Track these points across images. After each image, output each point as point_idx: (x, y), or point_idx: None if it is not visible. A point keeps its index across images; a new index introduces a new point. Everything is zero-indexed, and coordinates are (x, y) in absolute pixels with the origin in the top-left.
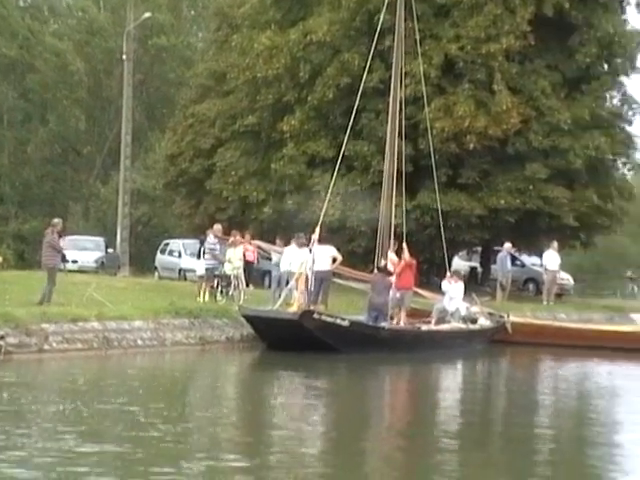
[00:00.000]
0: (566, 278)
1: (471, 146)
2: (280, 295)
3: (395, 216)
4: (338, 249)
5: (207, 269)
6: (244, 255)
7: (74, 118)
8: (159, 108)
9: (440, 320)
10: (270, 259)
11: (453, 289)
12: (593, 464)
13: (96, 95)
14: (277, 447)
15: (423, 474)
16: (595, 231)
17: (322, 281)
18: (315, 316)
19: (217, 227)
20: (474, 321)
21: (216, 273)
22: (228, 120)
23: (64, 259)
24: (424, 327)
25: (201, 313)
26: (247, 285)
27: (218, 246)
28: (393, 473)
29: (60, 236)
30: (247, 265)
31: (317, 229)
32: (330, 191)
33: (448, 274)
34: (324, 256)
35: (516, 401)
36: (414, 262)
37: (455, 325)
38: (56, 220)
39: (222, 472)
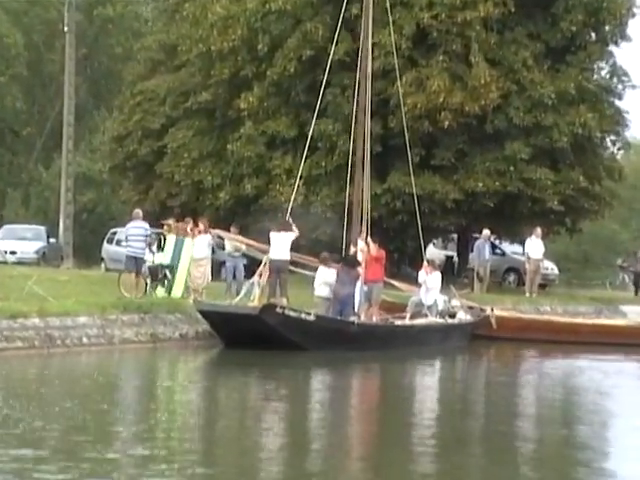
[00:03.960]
0: (550, 267)
1: (446, 124)
2: (237, 289)
3: (364, 201)
4: (301, 237)
5: (129, 257)
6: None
7: (11, 96)
8: (105, 85)
9: (416, 314)
10: (224, 248)
11: (430, 280)
12: (578, 466)
13: (36, 71)
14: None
15: None
16: (582, 216)
17: (279, 271)
18: (277, 310)
19: (137, 211)
20: (452, 315)
21: (148, 263)
22: (180, 97)
23: None
24: (398, 322)
25: (152, 308)
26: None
27: (149, 232)
28: None
29: None
30: None
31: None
32: (300, 174)
33: (425, 263)
34: (281, 244)
35: (500, 404)
36: (382, 254)
37: (432, 320)
38: None
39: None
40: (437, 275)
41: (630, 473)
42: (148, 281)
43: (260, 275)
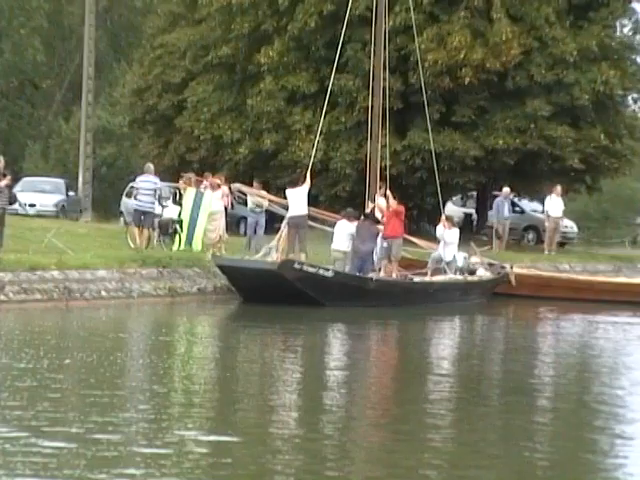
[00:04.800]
0: (569, 226)
1: (467, 80)
2: (257, 245)
3: (382, 157)
4: (320, 193)
5: (136, 210)
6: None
7: (31, 48)
8: (125, 38)
9: (436, 271)
10: (245, 204)
11: (448, 235)
12: (593, 426)
13: (56, 23)
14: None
15: (415, 437)
16: (602, 174)
17: (298, 227)
18: (296, 266)
19: (149, 165)
20: (472, 272)
21: (158, 217)
22: (200, 51)
23: (12, 201)
24: (417, 279)
25: (170, 262)
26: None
27: (160, 185)
28: (384, 438)
29: (4, 175)
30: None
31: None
32: (320, 129)
33: (443, 218)
34: (298, 199)
35: (518, 361)
36: (402, 209)
37: (451, 276)
38: None
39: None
40: (455, 231)
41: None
42: (155, 234)
43: (279, 239)
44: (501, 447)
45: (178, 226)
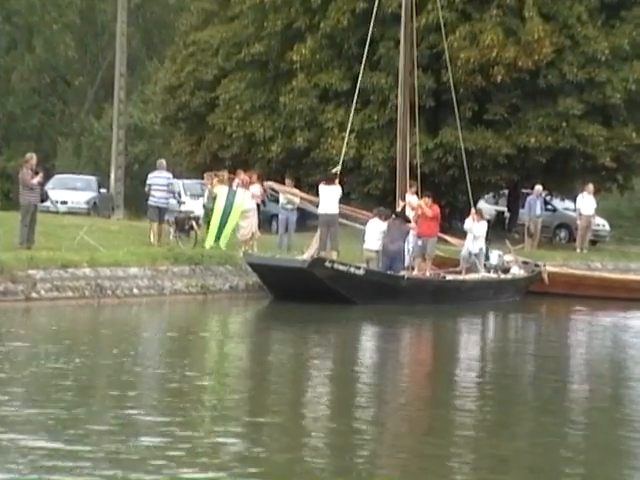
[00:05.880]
0: (601, 224)
1: (499, 78)
2: (288, 242)
3: (414, 155)
4: (353, 191)
5: (151, 206)
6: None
7: (63, 44)
8: (157, 35)
9: (470, 269)
10: (277, 201)
11: (477, 228)
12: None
13: (88, 19)
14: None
15: (440, 435)
16: (634, 172)
17: (329, 225)
18: (327, 264)
19: (161, 161)
20: (506, 270)
21: (178, 214)
22: (232, 49)
23: (44, 198)
24: (449, 277)
25: (203, 260)
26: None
27: (173, 181)
28: (409, 435)
29: (36, 172)
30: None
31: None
32: (349, 127)
33: (473, 211)
34: (330, 198)
35: (551, 361)
36: (437, 211)
37: (484, 275)
38: (28, 155)
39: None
40: (483, 223)
41: None
42: (171, 230)
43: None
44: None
45: (195, 222)
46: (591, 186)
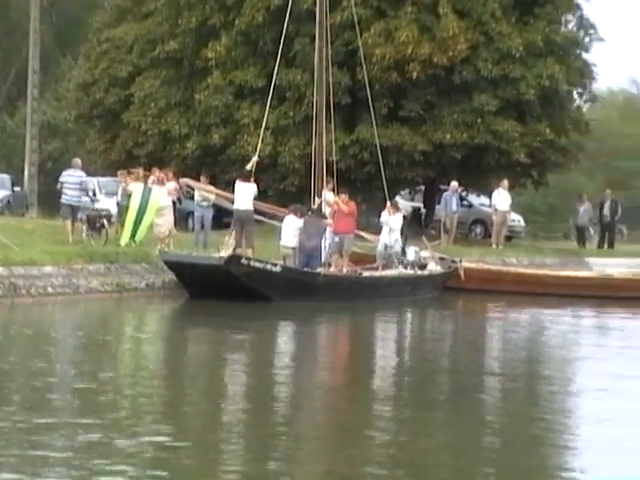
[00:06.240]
0: (517, 220)
1: (414, 75)
2: (204, 239)
3: (331, 152)
4: (269, 188)
5: (64, 205)
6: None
7: None
8: (71, 32)
9: (387, 266)
10: (193, 198)
11: (393, 220)
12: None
13: (1, 16)
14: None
15: (361, 434)
16: (548, 168)
17: (244, 222)
18: (243, 261)
19: (76, 160)
20: (423, 266)
21: (90, 212)
22: (147, 46)
23: None
24: (366, 273)
25: (118, 258)
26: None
27: (86, 179)
28: (329, 435)
29: None
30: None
31: (254, 159)
32: (264, 124)
33: (388, 204)
34: (245, 195)
35: (467, 356)
36: (354, 208)
37: (401, 271)
38: None
39: None
40: (399, 216)
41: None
42: (84, 228)
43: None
44: (453, 443)
45: (106, 221)
46: (506, 182)
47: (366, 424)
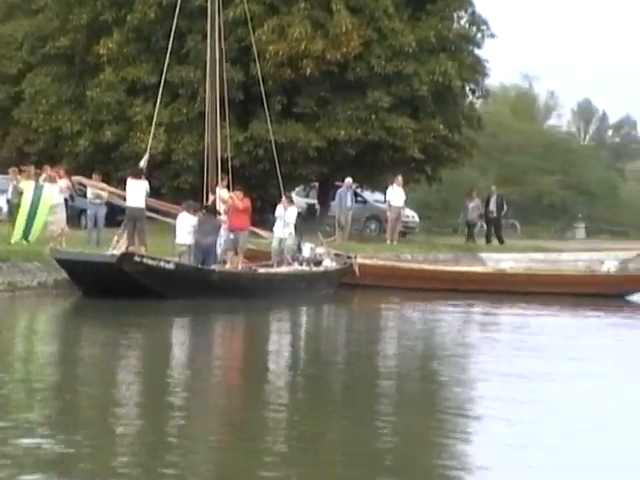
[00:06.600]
0: (411, 215)
1: (308, 72)
2: (97, 237)
3: (225, 149)
4: (162, 185)
5: None
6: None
7: None
8: None
9: (282, 262)
10: (86, 196)
11: (287, 214)
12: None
13: None
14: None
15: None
16: (442, 164)
17: (136, 220)
18: (136, 259)
19: None
20: (318, 263)
21: None
22: (37, 42)
23: None
24: (262, 270)
25: (9, 256)
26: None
27: None
28: (220, 432)
29: None
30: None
31: (146, 156)
32: (154, 121)
33: (283, 198)
34: (137, 192)
35: (360, 352)
36: (248, 204)
37: (297, 267)
38: None
39: None
40: (294, 209)
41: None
42: None
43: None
44: (344, 440)
45: None
46: (400, 178)
47: (258, 426)
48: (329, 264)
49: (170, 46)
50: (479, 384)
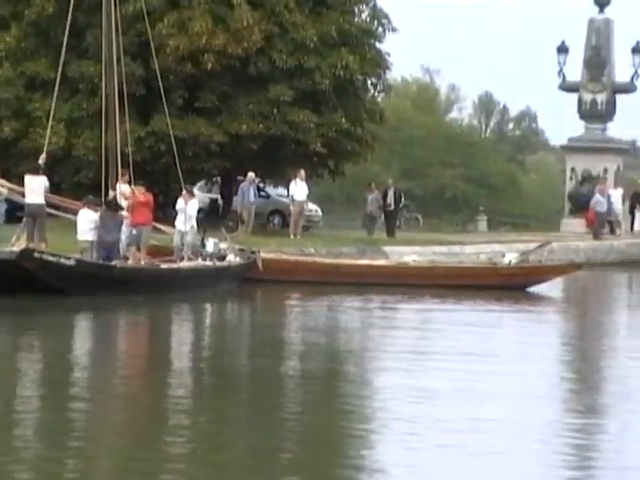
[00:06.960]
0: (314, 209)
1: (209, 66)
2: None
3: (126, 144)
4: (63, 181)
5: None
6: None
7: None
8: None
9: (184, 257)
10: None
11: (189, 207)
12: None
13: None
14: None
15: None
16: (344, 158)
17: (35, 216)
18: (35, 255)
19: None
20: (222, 258)
21: None
22: None
23: None
24: (164, 265)
25: None
26: None
27: None
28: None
29: None
30: None
31: (43, 155)
32: (51, 116)
33: (184, 192)
34: (35, 188)
35: (263, 347)
36: (150, 198)
37: (200, 262)
38: None
39: None
40: (195, 202)
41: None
42: None
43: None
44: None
45: None
46: (303, 172)
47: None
48: (233, 259)
49: (66, 41)
50: (377, 380)
